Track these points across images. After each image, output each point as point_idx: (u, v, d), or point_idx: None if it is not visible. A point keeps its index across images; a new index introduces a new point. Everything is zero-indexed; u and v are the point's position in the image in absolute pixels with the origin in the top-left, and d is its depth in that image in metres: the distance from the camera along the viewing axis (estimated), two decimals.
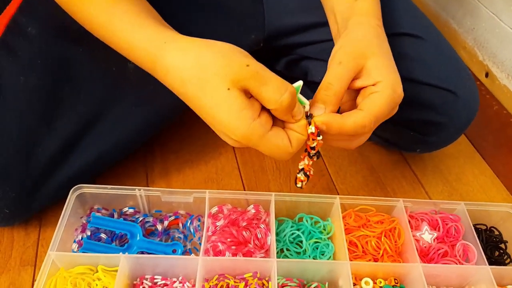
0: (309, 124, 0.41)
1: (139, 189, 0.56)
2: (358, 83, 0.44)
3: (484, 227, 0.62)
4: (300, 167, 0.46)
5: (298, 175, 0.47)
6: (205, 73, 0.38)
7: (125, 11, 0.43)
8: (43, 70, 0.53)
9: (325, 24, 0.64)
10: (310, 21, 0.63)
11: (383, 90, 0.43)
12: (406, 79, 0.59)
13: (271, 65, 0.72)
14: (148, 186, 0.66)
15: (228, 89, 0.37)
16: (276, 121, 0.42)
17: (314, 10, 0.58)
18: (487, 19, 0.93)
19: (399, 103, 0.45)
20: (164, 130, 0.73)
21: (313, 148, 0.43)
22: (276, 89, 0.38)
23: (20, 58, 0.53)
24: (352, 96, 0.46)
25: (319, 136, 0.42)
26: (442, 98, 0.61)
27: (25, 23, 0.55)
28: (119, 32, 0.42)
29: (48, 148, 0.53)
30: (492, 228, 0.62)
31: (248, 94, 0.39)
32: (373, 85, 0.43)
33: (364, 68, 0.44)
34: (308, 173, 0.47)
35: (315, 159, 0.46)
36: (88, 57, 0.55)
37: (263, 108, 0.40)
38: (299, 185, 0.47)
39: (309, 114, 0.42)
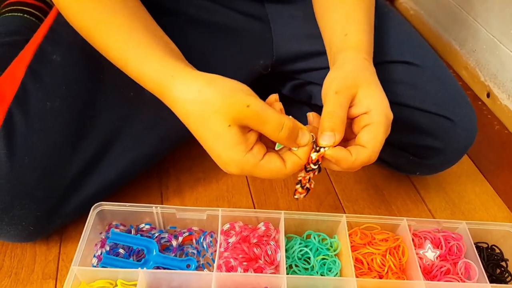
0: (316, 151, 0.44)
1: (156, 207, 0.59)
2: (353, 111, 0.47)
3: (485, 245, 0.64)
4: (298, 178, 0.49)
5: (297, 186, 0.49)
6: (207, 109, 0.41)
7: (138, 43, 0.46)
8: (67, 95, 0.57)
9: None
10: (315, 49, 0.67)
11: (378, 120, 0.45)
12: (403, 105, 0.62)
13: (277, 89, 0.76)
14: (162, 203, 0.69)
15: (229, 125, 0.41)
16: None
17: (318, 39, 0.61)
18: (488, 41, 0.97)
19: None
20: (177, 148, 0.76)
21: (313, 164, 0.45)
22: (274, 128, 0.41)
23: (46, 84, 0.57)
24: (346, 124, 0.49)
25: (315, 165, 0.45)
26: (439, 125, 0.63)
27: (51, 51, 0.58)
28: (132, 63, 0.46)
29: (72, 168, 0.56)
30: (493, 246, 0.64)
31: (246, 128, 0.42)
32: (365, 113, 0.46)
33: (356, 97, 0.47)
34: (306, 186, 0.49)
35: (316, 173, 0.48)
36: (109, 82, 0.59)
37: (258, 140, 0.43)
38: (296, 196, 0.50)
39: (315, 143, 0.44)
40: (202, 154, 0.76)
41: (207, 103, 0.41)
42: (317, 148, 0.44)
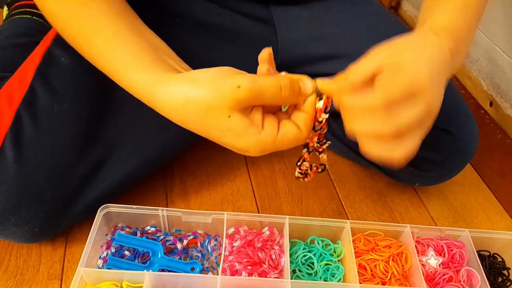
0: (320, 99, 0.42)
1: (162, 210, 0.59)
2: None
3: (487, 254, 0.64)
4: (303, 151, 0.47)
5: (303, 151, 0.47)
6: (199, 109, 0.39)
7: (123, 53, 0.44)
8: (75, 98, 0.57)
9: (332, 57, 0.66)
10: (321, 52, 0.66)
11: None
12: None
13: None
14: (167, 206, 0.69)
15: (229, 116, 0.38)
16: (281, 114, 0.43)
17: (324, 41, 0.61)
18: (491, 51, 0.97)
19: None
20: (183, 152, 0.76)
21: (320, 122, 0.43)
22: (274, 94, 0.38)
23: (55, 87, 0.57)
24: None
25: (326, 113, 0.42)
26: (439, 138, 0.63)
27: (59, 54, 0.59)
28: (118, 73, 0.45)
29: (79, 170, 0.57)
30: (495, 255, 0.64)
31: (248, 108, 0.40)
32: None
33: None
34: (312, 149, 0.46)
35: (324, 145, 0.46)
36: (116, 85, 0.59)
37: (264, 113, 0.41)
38: (297, 173, 0.48)
39: (317, 90, 0.42)
40: (207, 157, 0.78)
41: (196, 104, 0.39)
42: (320, 96, 0.42)
